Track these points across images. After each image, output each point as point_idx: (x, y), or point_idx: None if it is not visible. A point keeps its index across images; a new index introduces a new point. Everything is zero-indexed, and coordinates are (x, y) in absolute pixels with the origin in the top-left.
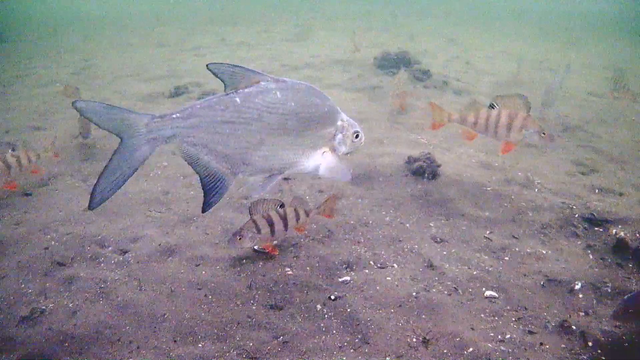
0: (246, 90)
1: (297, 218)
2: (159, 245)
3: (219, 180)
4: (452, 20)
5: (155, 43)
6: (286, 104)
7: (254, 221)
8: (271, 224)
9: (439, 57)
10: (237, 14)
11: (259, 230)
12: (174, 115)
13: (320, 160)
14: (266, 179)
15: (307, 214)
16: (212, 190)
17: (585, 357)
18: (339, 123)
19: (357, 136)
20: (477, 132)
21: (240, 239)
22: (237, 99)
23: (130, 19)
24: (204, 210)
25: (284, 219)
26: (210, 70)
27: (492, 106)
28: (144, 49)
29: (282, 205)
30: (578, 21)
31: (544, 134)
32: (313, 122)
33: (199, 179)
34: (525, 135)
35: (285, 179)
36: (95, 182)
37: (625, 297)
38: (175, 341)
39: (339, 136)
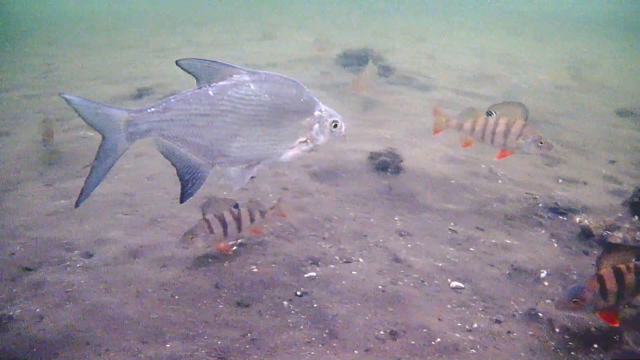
0: (219, 83)
1: (252, 219)
2: (125, 247)
3: (196, 171)
4: (419, 18)
5: (121, 44)
6: (260, 95)
7: (207, 221)
8: (224, 224)
9: (405, 53)
10: (203, 15)
11: (211, 231)
12: (149, 110)
13: (299, 150)
14: (245, 170)
15: (262, 214)
16: (189, 182)
17: (553, 343)
18: (317, 113)
19: (335, 125)
20: (474, 139)
21: (192, 238)
22: (211, 92)
23: (94, 20)
24: (182, 201)
25: (238, 219)
26: (180, 66)
27: (489, 114)
28: (108, 50)
29: (236, 206)
30: (548, 19)
31: (541, 142)
32: (289, 113)
33: (175, 171)
34: (523, 143)
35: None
36: (85, 179)
37: (569, 288)
38: (144, 342)
39: (316, 126)
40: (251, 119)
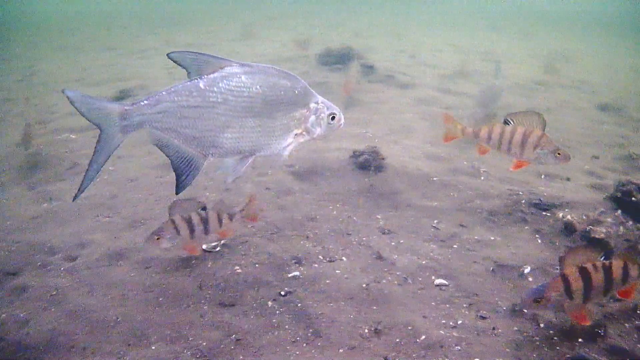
0: (210, 75)
1: (220, 222)
2: (108, 249)
3: (190, 162)
4: (400, 16)
5: (101, 46)
6: (252, 87)
7: (173, 222)
8: (191, 226)
9: (385, 52)
10: (183, 16)
11: (177, 232)
12: (142, 103)
13: (294, 142)
14: (239, 161)
15: (230, 217)
16: (183, 173)
17: (537, 338)
18: (313, 105)
19: (333, 117)
20: (490, 147)
21: (158, 239)
22: (202, 84)
23: (75, 22)
24: (177, 192)
25: (205, 221)
26: (171, 59)
27: (506, 122)
28: (90, 52)
29: (204, 208)
30: (531, 16)
31: (559, 153)
32: (282, 105)
33: (170, 163)
34: (540, 154)
35: (230, 180)
36: (84, 173)
37: (533, 287)
38: (128, 345)
39: (312, 118)
40: (243, 110)
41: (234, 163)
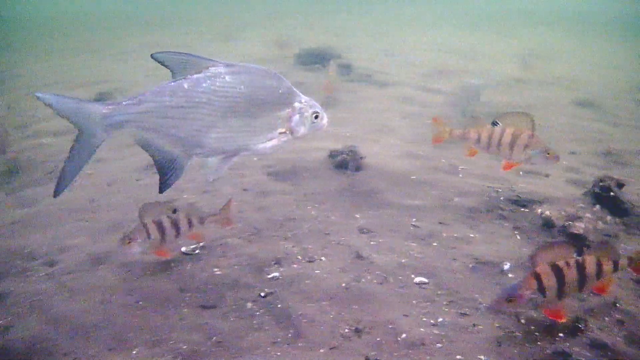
0: (195, 76)
1: (191, 225)
2: (88, 254)
3: (173, 161)
4: (379, 15)
5: (79, 49)
6: (236, 87)
7: (144, 225)
8: (162, 230)
9: (364, 51)
10: (163, 17)
11: (148, 236)
12: (125, 103)
13: (278, 142)
14: (222, 161)
15: (201, 221)
16: (167, 172)
17: (519, 334)
18: (297, 104)
19: (316, 116)
20: (479, 149)
21: (129, 242)
22: (185, 85)
23: (51, 24)
24: (161, 191)
25: (176, 225)
26: (156, 59)
27: (495, 124)
28: (67, 55)
29: (174, 211)
30: (511, 14)
31: (549, 153)
32: (267, 104)
33: (153, 163)
34: (530, 154)
35: (209, 180)
36: (60, 171)
37: (504, 288)
38: (110, 349)
39: (296, 117)
40: (227, 110)
41: (217, 162)
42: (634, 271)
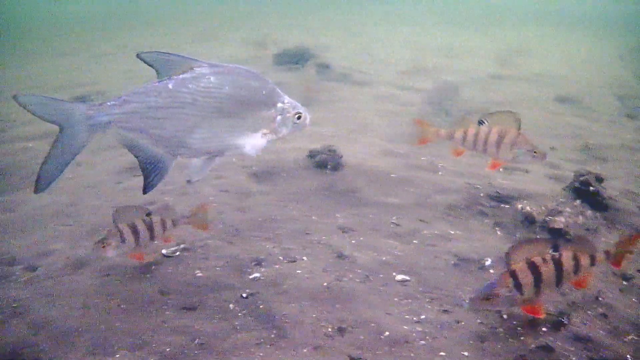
0: (180, 76)
1: (165, 227)
2: (69, 258)
3: (158, 162)
4: (357, 14)
5: (57, 51)
6: (221, 88)
7: (119, 229)
8: (136, 233)
9: (341, 50)
10: (138, 20)
11: (123, 240)
12: (109, 103)
13: (262, 142)
14: (205, 162)
15: (174, 223)
16: (151, 173)
17: (502, 329)
18: (280, 105)
19: (299, 117)
20: (465, 148)
21: (104, 247)
22: (170, 85)
23: (27, 27)
24: (145, 192)
25: (151, 228)
26: (141, 59)
27: (481, 122)
28: (45, 58)
29: (148, 214)
30: (490, 11)
31: (535, 152)
32: (250, 105)
33: (138, 163)
34: (518, 154)
35: (189, 180)
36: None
37: (481, 286)
38: (93, 354)
39: (279, 118)
40: (211, 111)
41: (201, 163)
42: (613, 265)
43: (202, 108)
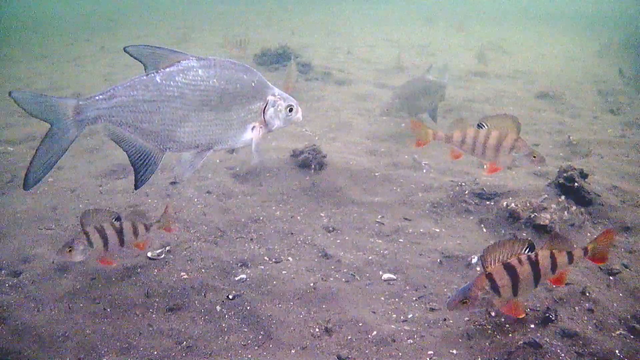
0: (167, 69)
1: (136, 233)
2: (52, 263)
3: (147, 156)
4: (335, 13)
5: (33, 55)
6: (209, 80)
7: (86, 233)
8: (104, 238)
9: (322, 49)
10: (115, 21)
11: (90, 244)
12: (97, 97)
13: (252, 135)
14: (195, 156)
15: (146, 228)
16: (141, 168)
17: (489, 326)
18: (270, 98)
19: (290, 109)
20: (463, 151)
21: (70, 251)
22: (157, 78)
23: (2, 28)
24: (136, 187)
25: (120, 232)
26: (128, 53)
27: (480, 126)
28: (21, 61)
29: (118, 218)
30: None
31: (534, 156)
32: (239, 98)
33: (127, 158)
34: (516, 157)
35: (172, 182)
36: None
37: (458, 289)
38: (79, 359)
39: (270, 110)
40: (199, 104)
41: (191, 158)
42: (592, 261)
43: (190, 101)
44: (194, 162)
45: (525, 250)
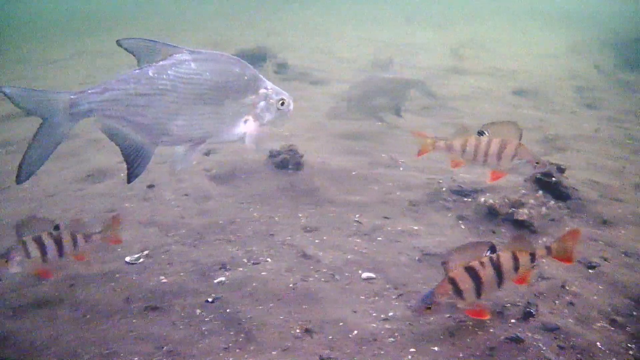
0: (160, 63)
1: (75, 243)
2: None
3: (140, 150)
4: (314, 13)
5: (9, 59)
6: (202, 74)
7: (23, 244)
8: (43, 248)
9: (300, 49)
10: (91, 24)
11: (28, 255)
12: (90, 91)
13: (244, 129)
14: (189, 150)
15: (86, 239)
16: (134, 161)
17: (470, 323)
18: (262, 91)
19: (283, 103)
20: (465, 160)
21: (6, 262)
22: (150, 72)
23: None
24: (129, 181)
25: (59, 242)
26: (121, 46)
27: (481, 133)
28: None
29: (56, 227)
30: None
31: (537, 163)
32: (232, 91)
33: (120, 151)
34: (518, 164)
35: (149, 186)
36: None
37: (422, 294)
38: None
39: (262, 104)
40: (192, 97)
41: (184, 152)
42: (558, 260)
43: (183, 95)
44: (188, 156)
45: (487, 252)
